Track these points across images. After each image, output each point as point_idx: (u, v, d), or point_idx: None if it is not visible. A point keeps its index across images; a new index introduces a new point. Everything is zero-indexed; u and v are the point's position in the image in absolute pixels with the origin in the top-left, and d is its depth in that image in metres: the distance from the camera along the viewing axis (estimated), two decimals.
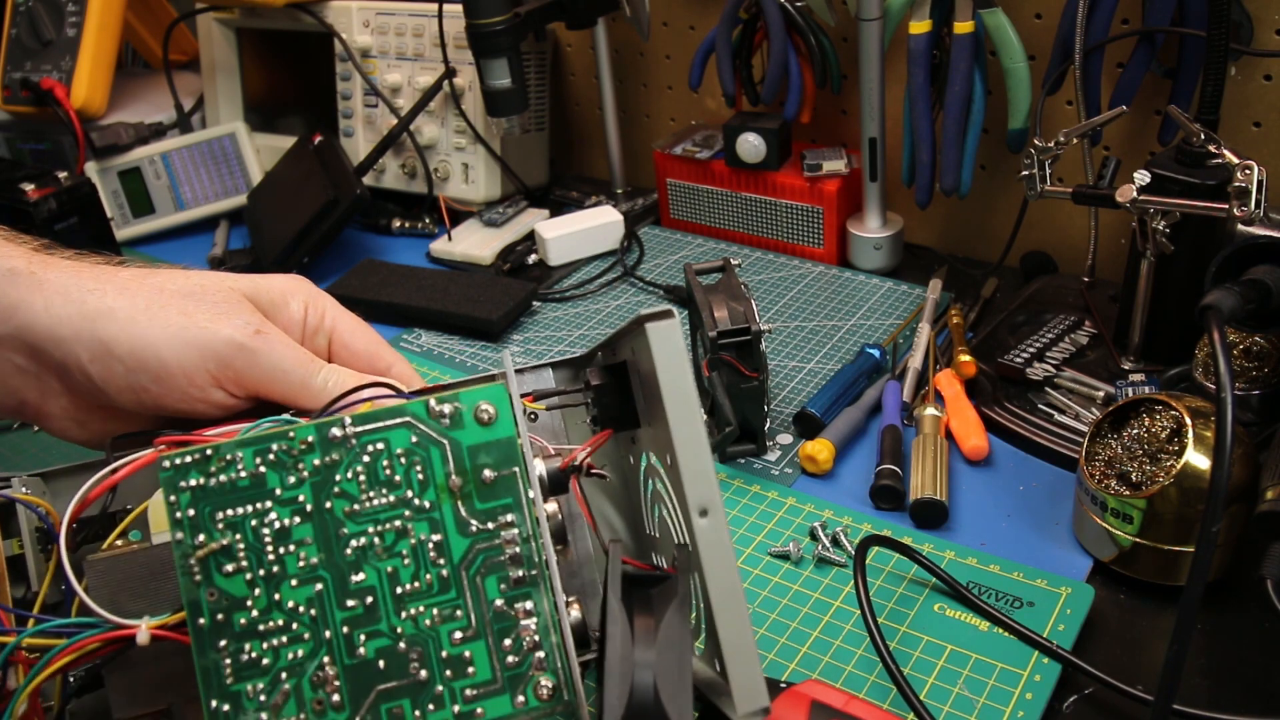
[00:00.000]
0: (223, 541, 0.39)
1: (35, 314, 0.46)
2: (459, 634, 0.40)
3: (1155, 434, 0.60)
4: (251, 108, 1.24)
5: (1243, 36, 0.78)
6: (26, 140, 1.18)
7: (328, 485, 0.40)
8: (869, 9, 0.87)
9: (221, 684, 0.38)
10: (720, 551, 0.37)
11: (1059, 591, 0.60)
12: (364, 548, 0.40)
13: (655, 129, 1.18)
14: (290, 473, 0.40)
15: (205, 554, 0.39)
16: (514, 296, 0.93)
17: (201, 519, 0.39)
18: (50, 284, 0.47)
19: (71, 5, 1.14)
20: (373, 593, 0.40)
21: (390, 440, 0.41)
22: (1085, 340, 0.80)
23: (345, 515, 0.40)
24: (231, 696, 0.38)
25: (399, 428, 0.41)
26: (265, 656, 0.39)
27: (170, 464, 0.39)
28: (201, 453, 0.39)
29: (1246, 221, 0.62)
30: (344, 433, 0.40)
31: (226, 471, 0.40)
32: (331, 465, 0.40)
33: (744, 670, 0.36)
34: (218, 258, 1.09)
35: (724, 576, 0.37)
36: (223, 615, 0.39)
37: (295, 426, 0.40)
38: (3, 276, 0.46)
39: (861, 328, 0.88)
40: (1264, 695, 0.54)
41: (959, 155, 0.88)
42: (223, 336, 0.46)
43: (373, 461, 0.40)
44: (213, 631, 0.39)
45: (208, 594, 0.39)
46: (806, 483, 0.72)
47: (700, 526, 0.38)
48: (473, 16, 0.96)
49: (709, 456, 0.39)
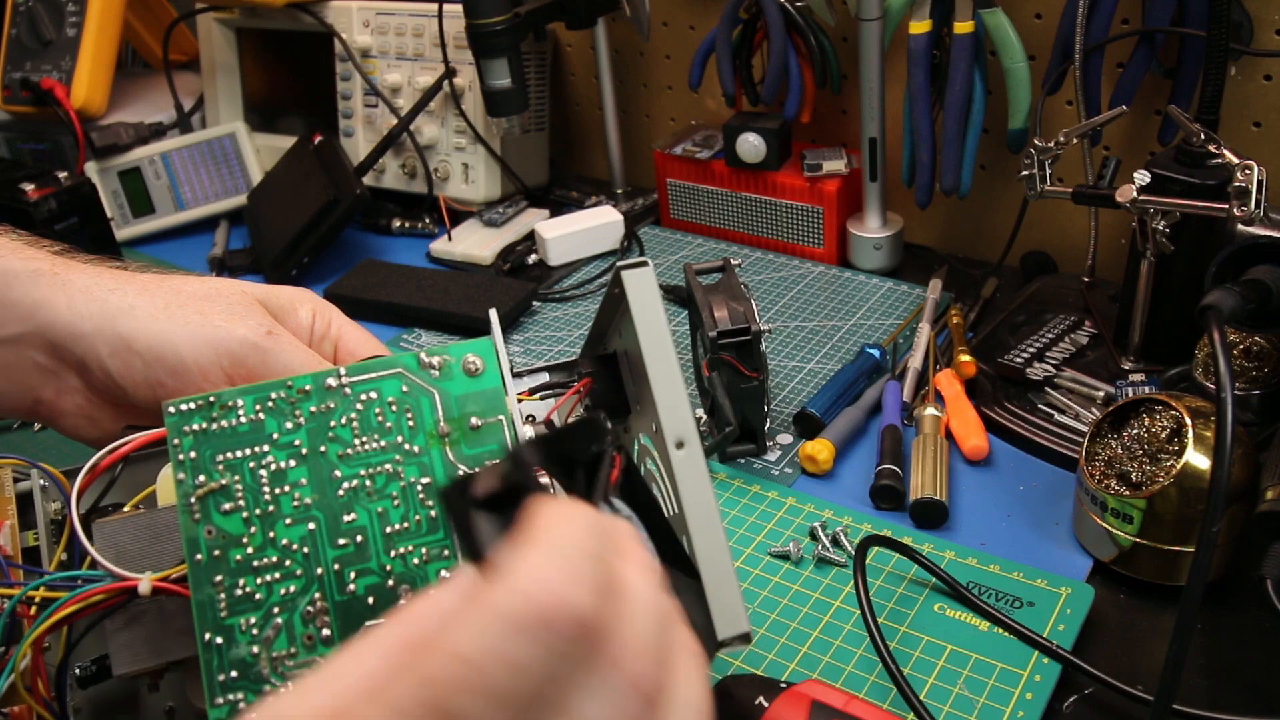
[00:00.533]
0: (221, 482, 0.41)
1: (58, 311, 0.48)
2: (445, 572, 0.42)
3: (1155, 434, 0.60)
4: (251, 108, 1.24)
5: (1243, 36, 0.78)
6: (26, 140, 1.18)
7: (322, 431, 0.42)
8: (869, 9, 0.87)
9: (215, 618, 0.40)
10: (697, 480, 0.38)
11: (1059, 591, 0.60)
12: (355, 489, 0.42)
13: (655, 129, 1.18)
14: (287, 419, 0.42)
15: (204, 493, 0.40)
16: (514, 296, 0.93)
17: (202, 461, 0.41)
18: (73, 284, 0.49)
19: (71, 5, 1.14)
20: (363, 532, 0.41)
21: (382, 389, 0.43)
22: (1085, 340, 0.80)
23: (338, 459, 0.42)
24: (225, 630, 0.39)
25: (391, 378, 0.43)
26: (259, 592, 0.40)
27: (175, 409, 0.42)
28: (205, 399, 0.42)
29: (1246, 221, 0.62)
30: (339, 382, 0.43)
31: (227, 417, 0.42)
32: (327, 412, 0.42)
33: (724, 593, 0.36)
34: (218, 258, 1.09)
35: (701, 503, 0.38)
36: (219, 552, 0.40)
37: (293, 376, 0.43)
38: (28, 276, 0.49)
39: (861, 328, 0.88)
40: (1264, 695, 0.54)
41: (959, 155, 0.88)
42: (237, 336, 0.48)
43: (366, 409, 0.43)
44: (209, 567, 0.40)
45: (205, 531, 0.40)
46: (806, 483, 0.72)
47: (677, 458, 0.39)
48: (473, 16, 0.96)
49: (684, 392, 0.40)
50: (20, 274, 0.49)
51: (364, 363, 0.44)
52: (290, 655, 0.39)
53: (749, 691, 0.50)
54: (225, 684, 0.39)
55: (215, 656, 0.39)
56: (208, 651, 0.39)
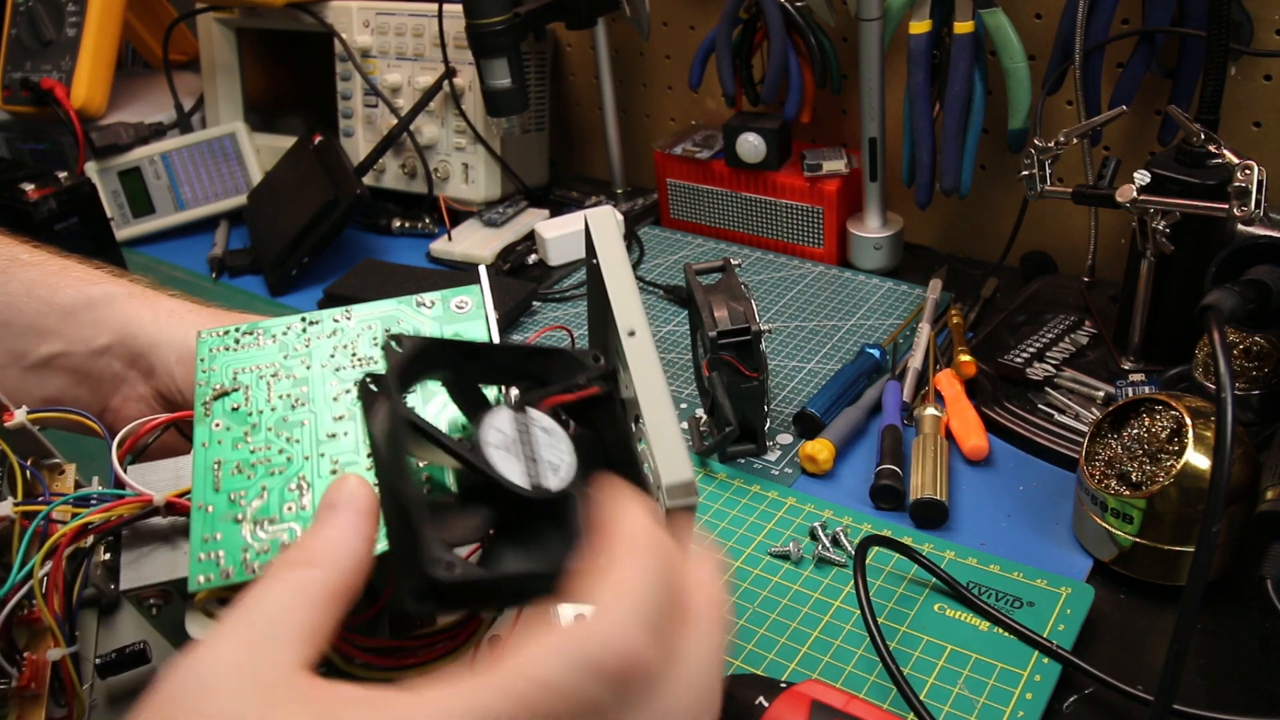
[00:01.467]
0: (234, 387, 0.46)
1: (144, 324, 0.56)
2: None
3: (1155, 434, 0.60)
4: (251, 108, 1.24)
5: (1243, 36, 0.78)
6: (26, 140, 1.18)
7: (326, 351, 0.48)
8: (869, 9, 0.87)
9: (209, 489, 0.43)
10: (646, 361, 0.41)
11: (1059, 591, 0.60)
12: (347, 395, 0.46)
13: (655, 129, 1.18)
14: (298, 342, 0.48)
15: (218, 395, 0.46)
16: (514, 296, 0.93)
17: (222, 373, 0.47)
18: (160, 303, 0.57)
19: (71, 5, 1.14)
20: (350, 428, 0.45)
21: (381, 321, 0.49)
22: (1085, 340, 0.80)
23: (334, 372, 0.47)
24: (216, 499, 0.43)
25: (390, 314, 0.49)
26: (251, 471, 0.44)
27: (208, 335, 0.49)
28: (234, 329, 0.49)
29: (1246, 221, 0.62)
30: (347, 316, 0.49)
31: (248, 341, 0.48)
32: (332, 337, 0.48)
33: (668, 447, 0.38)
34: (218, 258, 1.09)
35: (650, 380, 0.40)
36: (221, 440, 0.45)
37: (309, 312, 0.49)
38: (124, 296, 0.57)
39: (861, 328, 0.88)
40: (1264, 695, 0.54)
41: (959, 155, 0.88)
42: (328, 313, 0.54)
43: (363, 335, 0.48)
44: (210, 452, 0.44)
45: (214, 424, 0.45)
46: (806, 483, 0.72)
47: (629, 344, 0.42)
48: (473, 16, 0.96)
49: (635, 292, 0.43)
50: (117, 295, 0.57)
51: (368, 305, 0.49)
52: (270, 521, 0.42)
53: (749, 691, 0.50)
54: (207, 542, 0.41)
55: (201, 520, 0.42)
56: (197, 517, 0.42)
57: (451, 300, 0.50)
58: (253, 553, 0.41)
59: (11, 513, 0.44)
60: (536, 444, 0.38)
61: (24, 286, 0.57)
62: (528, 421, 0.38)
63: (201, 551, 0.41)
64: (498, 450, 0.37)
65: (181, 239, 1.16)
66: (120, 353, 0.56)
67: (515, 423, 0.38)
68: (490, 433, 0.37)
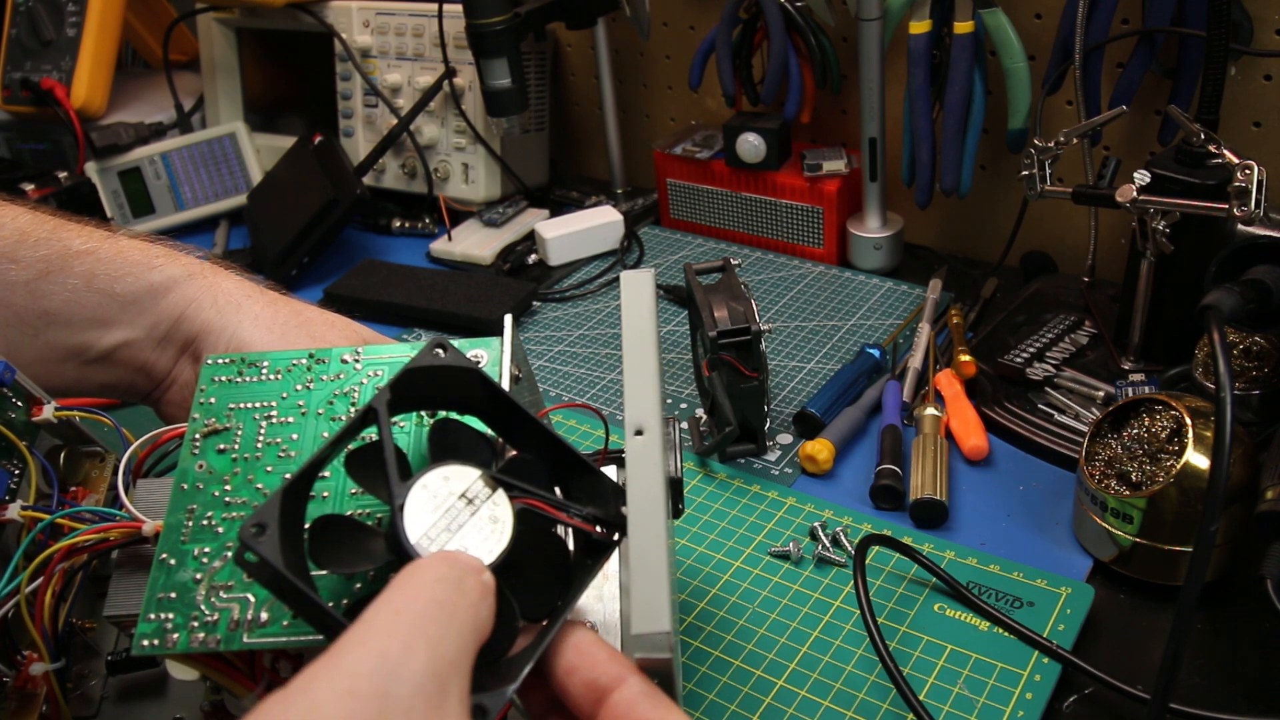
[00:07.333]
0: (225, 425, 0.45)
1: (203, 309, 0.56)
2: None
3: (1155, 434, 0.60)
4: (251, 108, 1.24)
5: (1243, 36, 0.78)
6: (26, 140, 1.18)
7: (326, 396, 0.46)
8: (869, 9, 0.87)
9: (176, 541, 0.42)
10: (649, 466, 0.39)
11: (1059, 591, 0.60)
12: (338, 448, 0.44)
13: (655, 129, 1.18)
14: (300, 382, 0.47)
15: (208, 432, 0.45)
16: (514, 296, 0.93)
17: (218, 406, 0.46)
18: (219, 286, 0.57)
19: (71, 5, 1.14)
20: (330, 489, 0.43)
21: (388, 369, 0.47)
22: (1085, 340, 0.80)
23: (330, 421, 0.45)
24: (180, 553, 0.42)
25: (399, 359, 0.47)
26: (221, 525, 0.43)
27: (212, 361, 0.47)
28: (239, 358, 0.48)
29: (1246, 221, 0.62)
30: (354, 358, 0.48)
31: (252, 373, 0.47)
32: (335, 380, 0.47)
33: (650, 590, 0.35)
34: (218, 258, 1.09)
35: (649, 489, 0.38)
36: (201, 485, 0.43)
37: (320, 349, 0.48)
38: (184, 280, 0.57)
39: (861, 328, 0.88)
40: (1264, 695, 0.54)
41: (959, 155, 0.88)
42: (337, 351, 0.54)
43: (369, 383, 0.47)
44: (188, 495, 0.43)
45: (197, 465, 0.44)
46: (806, 483, 0.72)
47: (633, 444, 0.39)
48: (473, 16, 0.96)
49: (655, 377, 0.41)
50: (178, 278, 0.57)
51: (379, 346, 0.48)
52: (227, 587, 0.41)
53: None
54: (162, 601, 0.40)
55: (162, 575, 0.41)
56: (158, 570, 0.41)
57: (468, 352, 0.47)
58: (201, 622, 0.40)
59: (18, 516, 0.44)
60: (470, 522, 0.36)
61: (83, 280, 0.56)
62: (483, 499, 0.36)
63: (152, 611, 0.40)
64: (423, 502, 0.35)
65: (181, 239, 1.15)
66: (177, 338, 0.56)
67: (470, 490, 0.36)
68: (434, 480, 0.36)
